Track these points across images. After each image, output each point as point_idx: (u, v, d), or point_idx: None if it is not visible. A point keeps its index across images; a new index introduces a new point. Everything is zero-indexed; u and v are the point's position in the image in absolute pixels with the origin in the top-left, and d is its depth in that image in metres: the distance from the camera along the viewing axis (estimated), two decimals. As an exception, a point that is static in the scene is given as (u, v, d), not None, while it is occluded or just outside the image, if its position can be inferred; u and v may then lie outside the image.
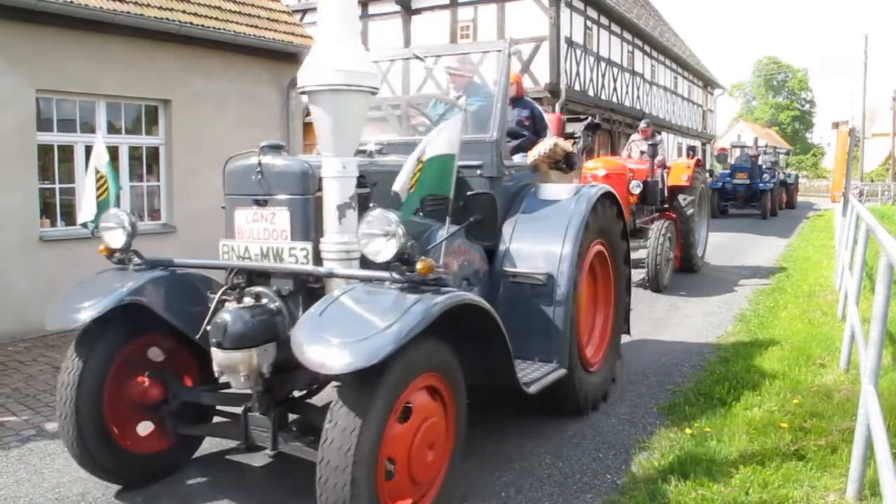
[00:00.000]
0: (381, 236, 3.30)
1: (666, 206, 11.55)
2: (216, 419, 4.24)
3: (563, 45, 18.91)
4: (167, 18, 8.67)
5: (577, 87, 20.06)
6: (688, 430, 4.77)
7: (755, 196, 24.50)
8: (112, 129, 8.67)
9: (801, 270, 12.10)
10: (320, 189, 3.76)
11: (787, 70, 78.17)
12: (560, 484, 4.09)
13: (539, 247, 4.84)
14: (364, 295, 3.33)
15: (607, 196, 5.39)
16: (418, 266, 3.23)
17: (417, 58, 5.80)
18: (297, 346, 3.05)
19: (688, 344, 7.28)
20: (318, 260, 3.68)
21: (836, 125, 12.66)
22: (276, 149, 3.92)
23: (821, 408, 5.16)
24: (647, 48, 26.79)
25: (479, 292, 4.50)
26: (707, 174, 26.48)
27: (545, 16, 18.63)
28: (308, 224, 3.71)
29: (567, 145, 5.70)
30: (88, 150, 8.39)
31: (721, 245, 16.29)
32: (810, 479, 4.03)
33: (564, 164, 5.69)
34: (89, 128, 8.40)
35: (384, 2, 20.29)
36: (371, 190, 3.99)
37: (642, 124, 12.56)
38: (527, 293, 4.75)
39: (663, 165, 11.74)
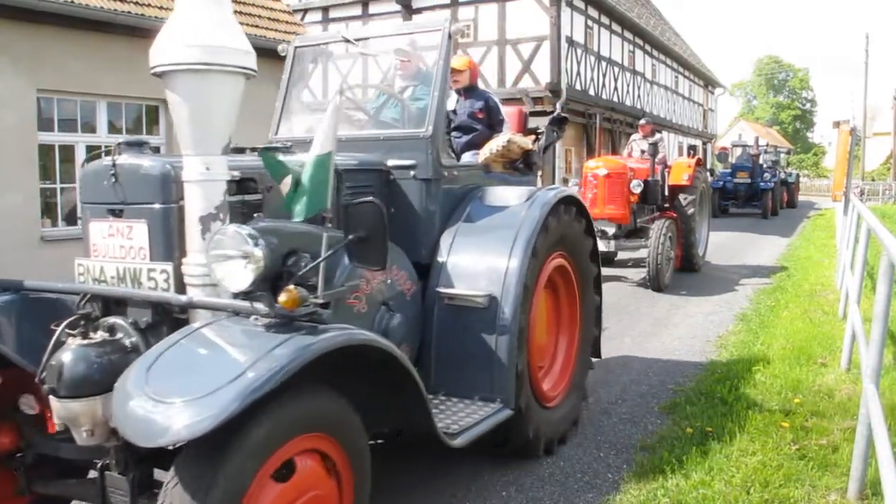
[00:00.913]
0: (236, 259, 2.71)
1: (667, 205, 11.45)
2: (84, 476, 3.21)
3: (564, 45, 18.90)
4: (168, 18, 8.67)
5: (577, 87, 20.06)
6: (689, 430, 4.77)
7: (756, 195, 24.44)
8: (113, 128, 8.68)
9: (802, 270, 12.09)
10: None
11: (788, 69, 78.12)
12: (561, 483, 4.09)
13: (481, 262, 4.11)
14: (217, 334, 2.65)
15: (570, 201, 4.67)
16: (281, 298, 2.59)
17: (346, 41, 4.86)
18: (115, 409, 2.43)
19: (689, 343, 7.28)
20: (181, 285, 3.00)
21: (837, 124, 12.68)
22: (135, 146, 3.21)
23: (822, 407, 5.16)
24: (647, 47, 26.78)
25: (406, 319, 3.84)
26: (708, 173, 26.47)
27: (546, 15, 18.63)
28: (170, 240, 3.02)
29: (525, 142, 4.97)
30: (89, 149, 8.41)
31: (722, 244, 16.28)
32: (811, 479, 4.03)
33: (522, 163, 5.05)
34: (90, 127, 8.41)
35: (385, 1, 20.30)
36: (265, 196, 3.40)
37: (642, 121, 12.47)
38: (465, 319, 4.00)
39: (664, 164, 11.65)
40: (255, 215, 3.24)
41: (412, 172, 4.21)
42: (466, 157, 4.96)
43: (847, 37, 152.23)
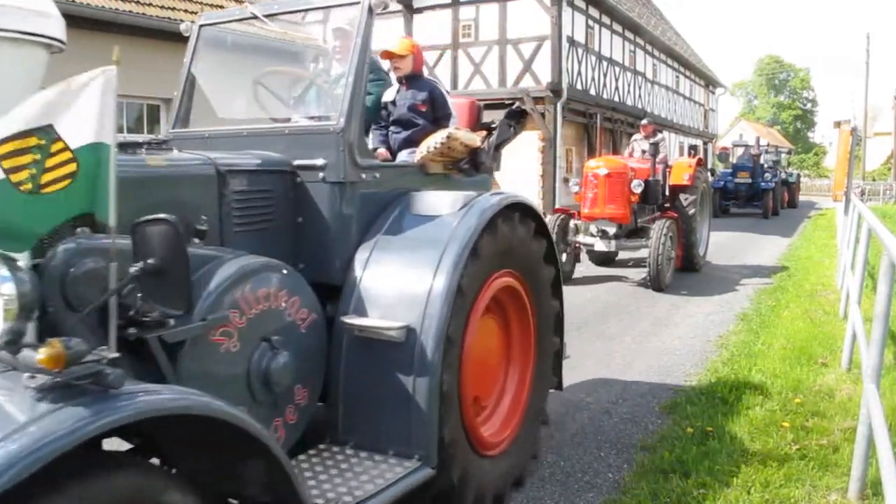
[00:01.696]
0: None
1: (667, 205, 11.45)
2: None
3: (565, 45, 18.90)
4: (169, 17, 8.68)
5: (578, 87, 20.05)
6: (689, 430, 4.77)
7: (757, 195, 24.48)
8: (114, 128, 8.69)
9: (802, 270, 12.09)
10: None
11: (789, 69, 78.10)
12: (562, 483, 4.09)
13: (400, 285, 3.37)
14: None
15: (518, 208, 3.90)
16: (38, 355, 1.87)
17: (255, 17, 4.09)
18: None
19: (689, 343, 7.28)
20: None
21: (837, 124, 12.68)
22: None
23: (822, 407, 5.16)
24: (648, 47, 26.77)
25: (299, 356, 3.08)
26: (708, 173, 26.40)
27: (547, 15, 18.62)
28: None
29: (471, 138, 4.22)
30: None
31: (723, 244, 16.28)
32: (812, 479, 4.03)
33: (469, 163, 4.29)
34: (91, 127, 8.42)
35: (386, 1, 20.28)
36: None
37: (643, 121, 12.45)
38: (379, 355, 3.28)
39: (666, 164, 11.63)
40: (79, 230, 2.57)
41: (321, 174, 3.48)
42: (403, 156, 4.28)
43: (848, 36, 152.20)
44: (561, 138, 18.99)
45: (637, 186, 10.33)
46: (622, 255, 12.24)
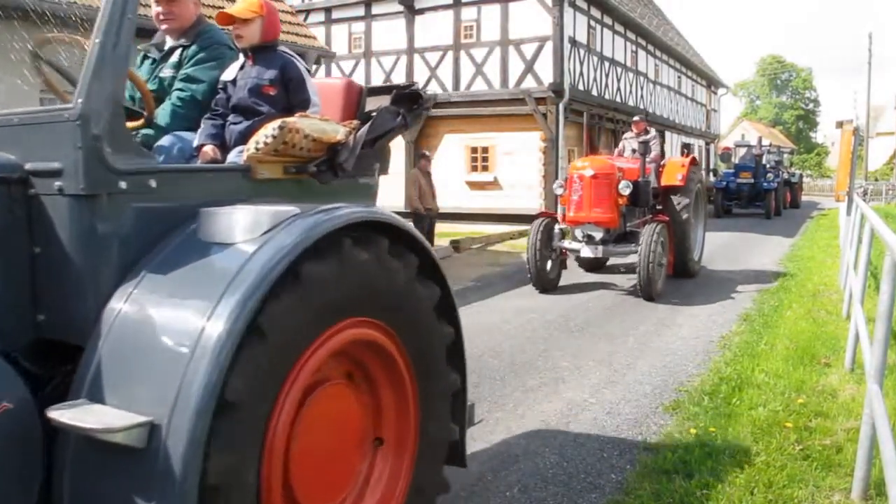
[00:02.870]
0: None
1: (659, 207, 10.88)
2: None
3: (567, 45, 18.89)
4: (171, 19, 8.69)
5: (580, 87, 20.05)
6: (692, 430, 4.77)
7: (759, 195, 24.38)
8: (116, 129, 8.69)
9: (805, 270, 12.08)
10: None
11: (791, 69, 78.10)
12: (565, 483, 4.08)
13: (151, 352, 2.25)
14: None
15: (382, 228, 2.82)
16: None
17: None
18: None
19: (692, 344, 7.27)
20: None
21: (840, 124, 12.65)
22: None
23: (825, 407, 5.15)
24: (650, 47, 26.76)
25: None
26: (703, 173, 26.16)
27: (548, 15, 18.62)
28: None
29: (321, 129, 3.02)
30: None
31: (725, 245, 16.27)
32: (815, 479, 4.02)
33: (324, 164, 3.06)
34: (93, 128, 8.43)
35: (387, 2, 20.31)
36: None
37: (635, 118, 11.96)
38: (112, 466, 2.18)
39: (658, 163, 11.19)
40: None
41: (57, 183, 2.40)
42: (232, 156, 3.20)
43: (850, 36, 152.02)
44: (563, 139, 18.99)
45: (625, 188, 9.71)
46: (613, 260, 11.83)
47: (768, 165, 25.75)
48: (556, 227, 10.26)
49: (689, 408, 5.23)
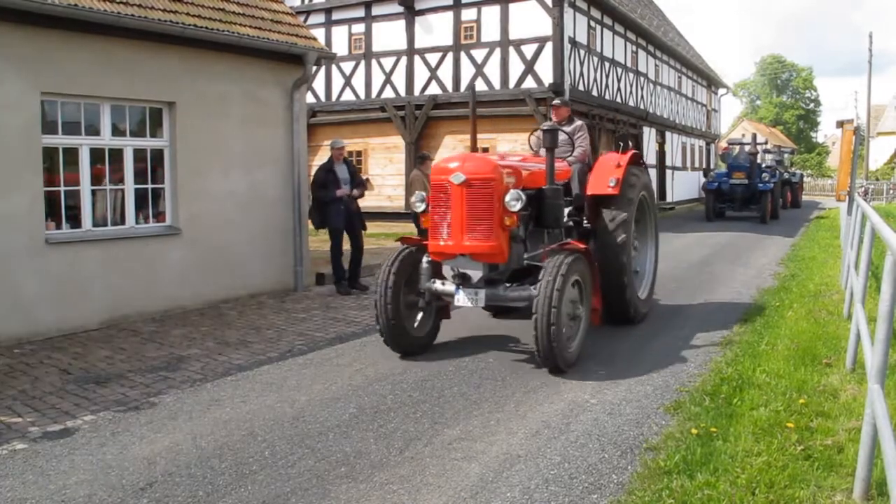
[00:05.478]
0: None
1: (588, 224, 7.83)
2: None
3: (567, 46, 18.90)
4: (171, 21, 8.69)
5: (580, 88, 20.05)
6: (693, 430, 4.76)
7: (754, 197, 22.66)
8: (117, 131, 8.69)
9: (806, 270, 12.07)
10: None
11: (792, 69, 78.09)
12: (566, 484, 4.08)
13: None
14: None
15: None
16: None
17: None
18: None
19: (693, 344, 7.27)
20: None
21: (841, 124, 12.63)
22: None
23: (827, 407, 5.15)
24: (650, 48, 26.76)
25: None
26: (703, 173, 25.64)
27: (548, 16, 18.63)
28: None
29: None
30: (93, 152, 8.42)
31: (725, 244, 16.28)
32: (817, 479, 4.02)
33: None
34: (94, 130, 8.42)
35: (388, 3, 20.31)
36: None
37: (555, 101, 8.61)
38: None
39: (585, 163, 8.10)
40: None
41: None
42: None
43: (851, 36, 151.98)
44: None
45: (514, 201, 6.37)
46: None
47: (764, 165, 24.14)
48: (426, 259, 6.86)
49: (690, 408, 5.23)
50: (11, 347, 7.33)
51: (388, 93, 20.63)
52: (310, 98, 19.85)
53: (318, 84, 21.77)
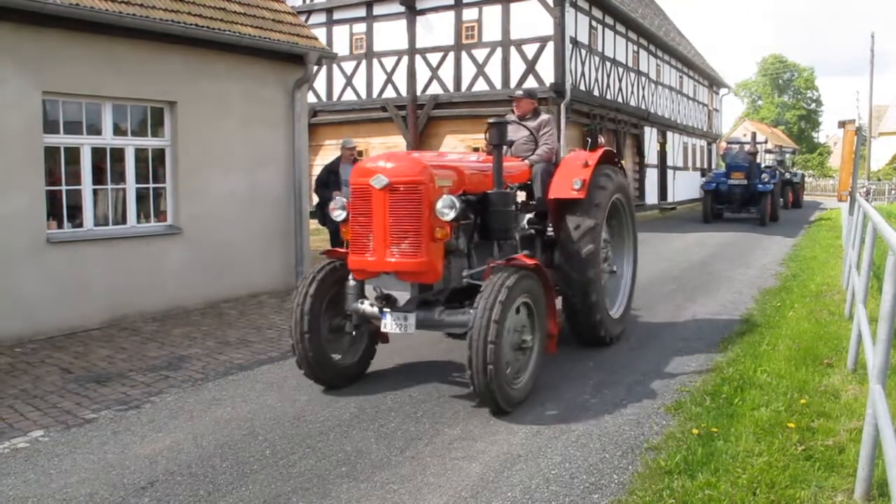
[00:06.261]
0: None
1: (551, 233, 6.96)
2: None
3: (568, 45, 18.88)
4: (172, 20, 8.69)
5: (582, 87, 20.04)
6: (694, 430, 4.76)
7: (753, 199, 21.81)
8: (118, 130, 8.69)
9: (807, 270, 12.06)
10: None
11: (793, 69, 78.05)
12: (567, 484, 4.08)
13: None
14: None
15: None
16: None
17: None
18: None
19: (694, 343, 7.27)
20: None
21: (842, 124, 12.64)
22: None
23: (828, 408, 5.15)
24: (652, 48, 26.74)
25: None
26: (701, 173, 25.20)
27: (550, 16, 18.61)
28: None
29: None
30: (94, 151, 8.43)
31: (726, 244, 16.27)
32: (818, 480, 4.02)
33: None
34: (95, 129, 8.43)
35: (389, 2, 20.30)
36: None
37: (518, 92, 7.55)
38: None
39: (552, 163, 7.08)
40: None
41: None
42: None
43: (853, 36, 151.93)
44: (564, 139, 18.97)
45: (447, 207, 5.29)
46: None
47: (764, 165, 23.50)
48: (352, 276, 5.79)
49: (691, 408, 5.23)
50: (13, 346, 7.33)
51: (390, 92, 20.62)
52: (311, 98, 19.84)
53: (320, 84, 21.77)
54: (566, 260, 6.64)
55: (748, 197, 21.87)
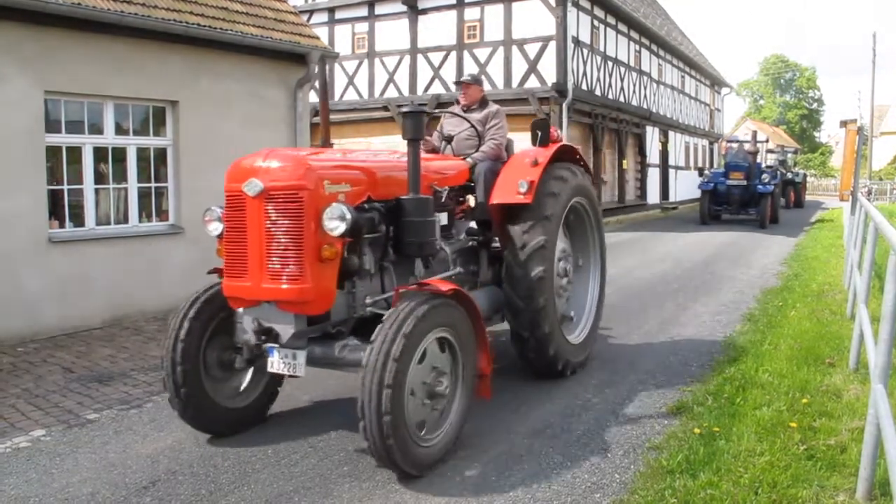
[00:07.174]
0: None
1: (496, 245, 5.92)
2: None
3: (570, 45, 18.89)
4: (174, 20, 8.70)
5: (584, 87, 20.03)
6: (696, 430, 4.76)
7: (753, 200, 20.95)
8: (120, 130, 8.70)
9: (809, 270, 12.05)
10: None
11: (795, 68, 77.97)
12: (569, 484, 4.08)
13: None
14: None
15: None
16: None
17: None
18: None
19: (696, 343, 7.26)
20: None
21: (844, 124, 12.62)
22: None
23: (830, 407, 5.14)
24: (654, 47, 26.73)
25: None
26: (698, 172, 24.62)
27: (552, 15, 18.61)
28: None
29: None
30: (96, 151, 8.44)
31: (728, 244, 16.27)
32: (820, 479, 4.01)
33: None
34: (97, 129, 8.44)
35: (391, 2, 20.31)
36: None
37: (465, 77, 6.57)
38: None
39: (500, 161, 6.06)
40: None
41: None
42: None
43: (854, 36, 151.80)
44: (567, 139, 18.95)
45: (336, 220, 4.23)
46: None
47: (764, 165, 22.71)
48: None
49: (692, 408, 5.22)
50: (15, 346, 7.34)
51: (392, 92, 20.63)
52: (313, 97, 19.85)
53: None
54: (511, 284, 5.56)
55: (747, 198, 21.05)
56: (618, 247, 15.75)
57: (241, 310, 4.57)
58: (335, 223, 4.23)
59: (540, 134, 5.95)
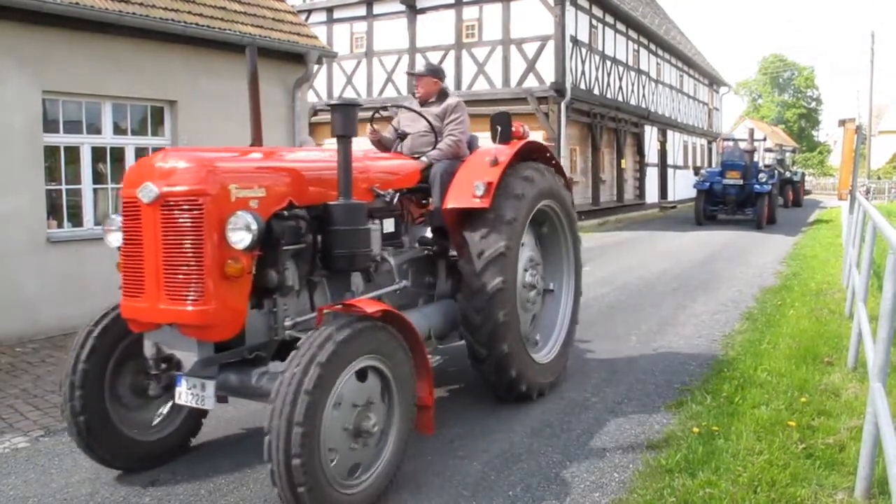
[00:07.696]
0: None
1: (454, 255, 5.28)
2: None
3: (569, 44, 18.89)
4: (172, 19, 8.69)
5: (582, 86, 20.04)
6: (695, 429, 4.76)
7: (749, 200, 20.44)
8: (118, 129, 8.69)
9: (808, 269, 12.06)
10: None
11: (793, 68, 78.00)
12: (567, 483, 4.08)
13: None
14: None
15: None
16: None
17: None
18: None
19: (695, 342, 7.27)
20: None
21: (842, 123, 12.64)
22: None
23: (828, 406, 5.15)
24: (652, 46, 26.74)
25: None
26: (693, 171, 24.31)
27: (550, 15, 18.62)
28: None
29: None
30: (94, 151, 8.43)
31: (727, 243, 16.27)
32: (818, 478, 4.02)
33: None
34: (95, 129, 8.43)
35: (389, 1, 20.32)
36: None
37: (419, 69, 5.86)
38: None
39: (458, 159, 5.40)
40: None
41: None
42: None
43: (853, 35, 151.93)
44: (565, 138, 18.97)
45: (240, 231, 3.62)
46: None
47: (762, 164, 22.29)
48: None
49: (691, 406, 5.23)
50: (13, 346, 7.33)
51: (390, 91, 20.63)
52: (311, 97, 19.86)
53: (320, 83, 21.77)
54: (465, 297, 4.97)
55: (744, 198, 20.47)
56: (617, 246, 15.75)
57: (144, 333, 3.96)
58: (239, 234, 3.62)
59: (500, 129, 5.36)
